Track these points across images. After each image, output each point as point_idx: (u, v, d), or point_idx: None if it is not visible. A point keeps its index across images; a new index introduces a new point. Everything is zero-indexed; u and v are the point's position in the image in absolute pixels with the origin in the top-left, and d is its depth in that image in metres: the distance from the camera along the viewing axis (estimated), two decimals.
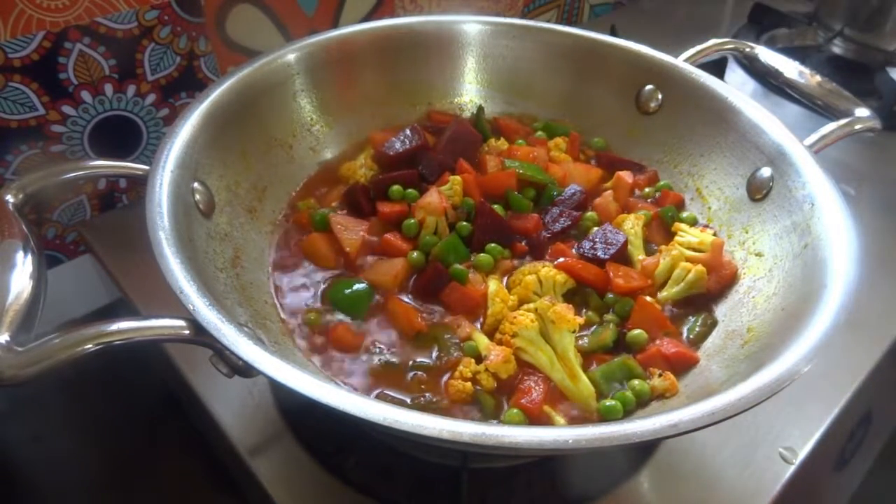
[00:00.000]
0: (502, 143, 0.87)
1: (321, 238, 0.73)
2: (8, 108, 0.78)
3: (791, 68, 0.86)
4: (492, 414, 0.59)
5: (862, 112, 0.79)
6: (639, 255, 0.74)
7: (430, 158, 0.80)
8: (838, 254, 0.59)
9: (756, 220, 0.73)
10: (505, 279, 0.71)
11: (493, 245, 0.72)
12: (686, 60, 0.88)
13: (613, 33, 1.12)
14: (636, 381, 0.61)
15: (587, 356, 0.64)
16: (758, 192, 0.74)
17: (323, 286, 0.70)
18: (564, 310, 0.62)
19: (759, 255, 0.70)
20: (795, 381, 0.48)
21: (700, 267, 0.69)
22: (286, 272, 0.71)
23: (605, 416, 0.59)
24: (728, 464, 0.69)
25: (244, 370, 0.50)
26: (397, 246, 0.72)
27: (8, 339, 0.45)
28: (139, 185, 0.80)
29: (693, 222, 0.78)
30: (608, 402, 0.59)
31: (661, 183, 0.84)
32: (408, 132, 0.82)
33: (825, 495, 1.02)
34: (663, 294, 0.70)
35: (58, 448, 0.81)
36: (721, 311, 0.69)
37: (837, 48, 1.32)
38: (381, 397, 0.60)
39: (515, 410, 0.58)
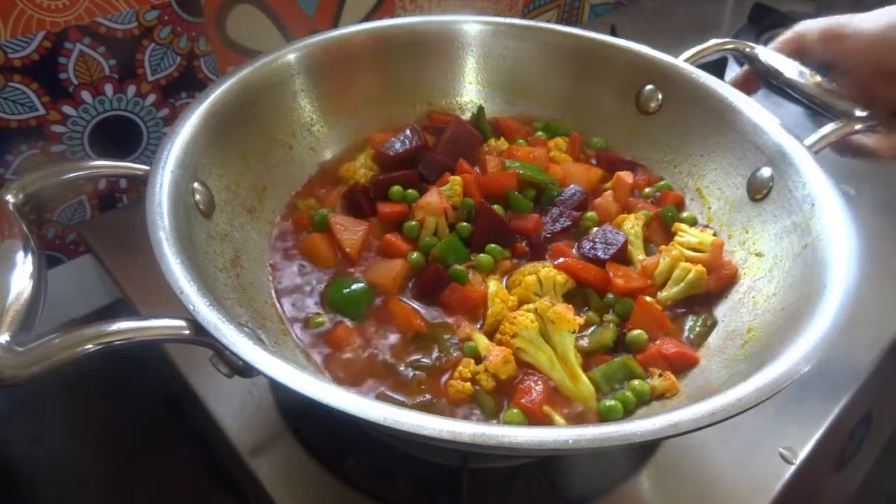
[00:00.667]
0: (502, 143, 0.87)
1: (321, 238, 0.73)
2: (8, 108, 0.78)
3: (791, 68, 0.86)
4: (492, 414, 0.59)
5: (862, 112, 0.79)
6: (639, 256, 0.74)
7: (430, 158, 0.80)
8: (838, 254, 0.59)
9: (756, 220, 0.73)
10: (505, 279, 0.71)
11: (493, 245, 0.72)
12: (686, 60, 0.88)
13: (613, 33, 1.12)
14: (636, 382, 0.61)
15: (587, 356, 0.64)
16: (758, 192, 0.74)
17: (323, 286, 0.70)
18: (564, 310, 0.62)
19: (759, 255, 0.70)
20: (795, 381, 0.48)
21: (700, 267, 0.69)
22: (286, 272, 0.71)
23: (605, 416, 0.59)
24: (728, 464, 0.69)
25: (244, 370, 0.50)
26: (398, 246, 0.72)
27: (8, 339, 0.45)
28: (139, 185, 0.80)
29: (693, 222, 0.78)
30: (608, 402, 0.59)
31: (661, 183, 0.84)
32: (408, 132, 0.82)
33: (825, 495, 1.02)
34: (663, 294, 0.70)
35: (58, 448, 0.81)
36: (721, 311, 0.69)
37: None
38: (381, 397, 0.60)
39: (515, 410, 0.58)
